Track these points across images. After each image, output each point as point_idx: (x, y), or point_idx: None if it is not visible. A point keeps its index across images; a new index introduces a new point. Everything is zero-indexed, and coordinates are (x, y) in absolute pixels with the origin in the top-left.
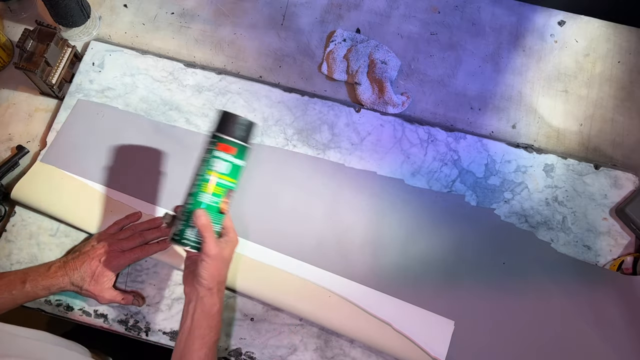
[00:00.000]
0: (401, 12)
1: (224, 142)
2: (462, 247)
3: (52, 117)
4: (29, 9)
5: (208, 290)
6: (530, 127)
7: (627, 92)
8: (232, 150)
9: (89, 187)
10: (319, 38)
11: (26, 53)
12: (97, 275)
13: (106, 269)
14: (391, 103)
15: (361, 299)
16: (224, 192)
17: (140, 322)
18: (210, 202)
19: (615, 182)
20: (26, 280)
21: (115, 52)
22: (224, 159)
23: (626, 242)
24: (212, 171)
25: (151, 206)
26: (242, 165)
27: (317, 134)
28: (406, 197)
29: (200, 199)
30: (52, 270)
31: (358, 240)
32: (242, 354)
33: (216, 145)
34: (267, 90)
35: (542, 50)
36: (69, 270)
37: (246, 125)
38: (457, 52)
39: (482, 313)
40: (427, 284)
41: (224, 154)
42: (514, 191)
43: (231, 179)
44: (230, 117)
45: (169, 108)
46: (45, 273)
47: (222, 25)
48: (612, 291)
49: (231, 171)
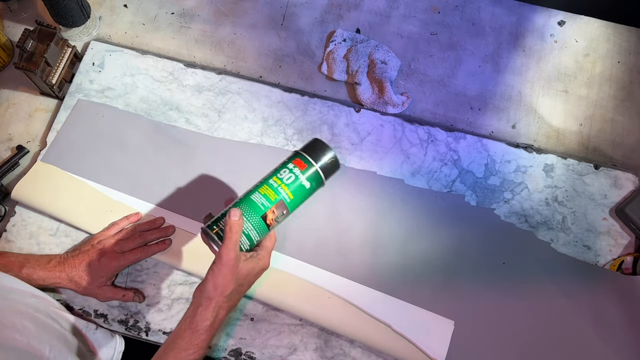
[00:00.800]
0: (401, 12)
1: (300, 158)
2: (462, 247)
3: (52, 117)
4: (29, 9)
5: (206, 299)
6: (530, 127)
7: (627, 92)
8: (303, 167)
9: (89, 187)
10: (319, 38)
11: (26, 53)
12: (96, 274)
13: (105, 269)
14: (391, 103)
15: (361, 298)
16: (276, 201)
17: (140, 322)
18: (258, 202)
19: (615, 182)
20: (24, 265)
21: (115, 52)
22: (291, 170)
23: (626, 242)
24: (275, 177)
25: (151, 206)
26: (307, 186)
27: (317, 134)
28: (406, 197)
29: (250, 195)
30: (52, 264)
31: (358, 240)
32: (242, 354)
33: (292, 160)
34: (267, 90)
35: (542, 50)
36: (67, 267)
37: (328, 155)
38: (457, 52)
39: (482, 313)
40: (427, 284)
41: (294, 167)
42: (514, 191)
43: (289, 192)
44: (317, 142)
45: (169, 108)
46: (45, 265)
47: (222, 25)
48: (612, 291)
49: (292, 183)
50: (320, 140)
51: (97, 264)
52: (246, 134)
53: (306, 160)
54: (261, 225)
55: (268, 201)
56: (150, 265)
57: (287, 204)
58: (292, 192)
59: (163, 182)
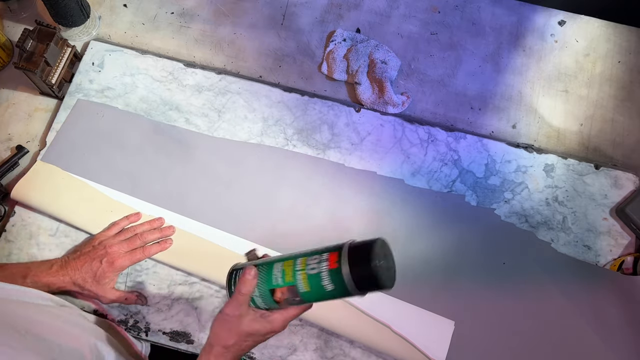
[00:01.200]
0: (401, 12)
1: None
2: (462, 247)
3: (52, 117)
4: (29, 8)
5: (208, 345)
6: (530, 127)
7: (627, 92)
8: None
9: (89, 187)
10: (319, 38)
11: (26, 53)
12: (99, 276)
13: (107, 270)
14: (391, 103)
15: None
16: (289, 284)
17: (140, 322)
18: (275, 274)
19: (615, 182)
20: (27, 275)
21: (115, 52)
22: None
23: (626, 242)
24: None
25: (151, 206)
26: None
27: (317, 134)
28: (406, 197)
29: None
30: (54, 269)
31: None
32: None
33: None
34: (267, 90)
35: (542, 50)
36: (70, 270)
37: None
38: (457, 52)
39: (482, 313)
40: (427, 284)
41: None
42: (514, 191)
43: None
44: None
45: (168, 108)
46: (47, 271)
47: (222, 25)
48: (612, 291)
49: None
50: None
51: (99, 266)
52: (246, 134)
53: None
54: (268, 298)
55: (282, 279)
56: (150, 265)
57: (301, 294)
58: (309, 284)
59: (163, 182)
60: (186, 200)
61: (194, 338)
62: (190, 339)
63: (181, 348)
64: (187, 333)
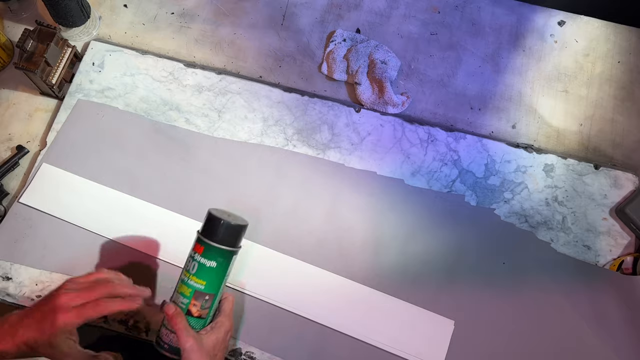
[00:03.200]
0: (401, 12)
1: (197, 241)
2: (462, 247)
3: (52, 117)
4: (29, 9)
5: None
6: (530, 127)
7: (627, 92)
8: (200, 249)
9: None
10: (319, 38)
11: (26, 53)
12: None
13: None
14: (391, 103)
15: (361, 298)
16: (192, 294)
17: (140, 322)
18: (179, 302)
19: (615, 182)
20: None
21: (115, 52)
22: (194, 258)
23: (626, 242)
24: (185, 271)
25: (151, 206)
26: (214, 265)
27: (317, 134)
28: (406, 197)
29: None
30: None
31: (358, 240)
32: (242, 354)
33: (193, 247)
34: (267, 90)
35: (542, 50)
36: (19, 329)
37: (220, 226)
38: (457, 52)
39: (482, 313)
40: (427, 283)
41: (194, 253)
42: (514, 191)
43: (199, 280)
44: (208, 216)
45: (169, 108)
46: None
47: (222, 25)
48: (612, 291)
49: (198, 270)
50: (211, 214)
51: (44, 322)
52: (246, 134)
53: (201, 241)
54: (193, 320)
55: (185, 298)
56: None
57: (204, 291)
58: (202, 279)
59: (163, 182)
60: (186, 200)
61: None
62: None
63: None
64: None
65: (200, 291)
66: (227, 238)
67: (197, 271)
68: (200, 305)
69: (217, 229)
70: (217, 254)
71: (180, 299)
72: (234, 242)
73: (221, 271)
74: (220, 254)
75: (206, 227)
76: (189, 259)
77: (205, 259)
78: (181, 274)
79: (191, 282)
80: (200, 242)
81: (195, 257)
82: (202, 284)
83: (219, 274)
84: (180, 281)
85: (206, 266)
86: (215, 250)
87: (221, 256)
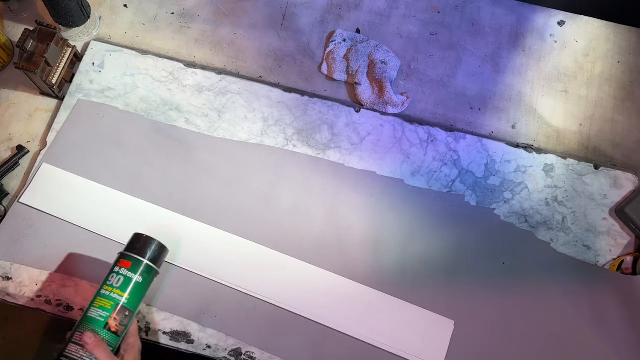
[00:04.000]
0: (401, 12)
1: (123, 258)
2: (462, 247)
3: (52, 117)
4: (29, 9)
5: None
6: (530, 127)
7: (627, 92)
8: (128, 264)
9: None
10: (319, 38)
11: (26, 53)
12: None
13: None
14: (391, 103)
15: (361, 298)
16: (114, 307)
17: (140, 322)
18: (96, 316)
19: (615, 182)
20: None
21: (115, 52)
22: (119, 273)
23: (626, 242)
24: (105, 285)
25: (150, 206)
26: (140, 281)
27: (317, 134)
28: (406, 197)
29: (87, 314)
30: None
31: (358, 240)
32: (242, 354)
33: (117, 263)
34: (267, 90)
35: (542, 50)
36: None
37: (149, 244)
38: (457, 52)
39: (482, 313)
40: (427, 283)
41: (121, 268)
42: (514, 191)
43: (122, 293)
44: (136, 237)
45: (169, 108)
46: None
47: (222, 25)
48: (612, 291)
49: (124, 284)
50: (139, 234)
51: None
52: (246, 134)
53: (130, 257)
54: (110, 336)
55: (105, 311)
56: None
57: (127, 305)
58: (126, 292)
59: (163, 182)
60: (186, 200)
61: (194, 338)
62: (190, 338)
63: (181, 348)
64: (187, 333)
65: (123, 305)
66: (156, 257)
67: (122, 285)
68: (120, 320)
69: (149, 247)
70: (145, 270)
71: (98, 312)
72: (159, 262)
73: (144, 288)
74: (147, 270)
75: (135, 244)
76: (112, 274)
77: (133, 273)
78: (100, 288)
79: (114, 294)
80: (128, 258)
81: (121, 272)
82: (126, 297)
83: (142, 291)
84: (98, 295)
85: (132, 280)
86: (144, 265)
87: (147, 272)
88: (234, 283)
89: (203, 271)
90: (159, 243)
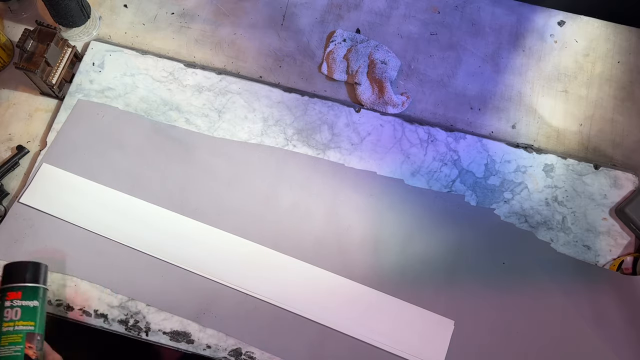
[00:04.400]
0: (401, 12)
1: (9, 291)
2: (462, 247)
3: (52, 117)
4: (29, 9)
5: None
6: (530, 127)
7: (627, 92)
8: (18, 295)
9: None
10: (319, 38)
11: (26, 53)
12: None
13: None
14: (391, 103)
15: (361, 298)
16: (24, 338)
17: (140, 322)
18: (11, 353)
19: (615, 182)
20: None
21: (115, 52)
22: (12, 306)
23: (626, 242)
24: (3, 324)
25: (151, 206)
26: (36, 305)
27: (317, 134)
28: (406, 197)
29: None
30: None
31: (358, 240)
32: (242, 354)
33: (6, 297)
34: (267, 90)
35: (542, 50)
36: None
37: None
38: (457, 52)
39: (482, 313)
40: (427, 283)
41: (12, 301)
42: (514, 191)
43: (27, 322)
44: (8, 267)
45: (169, 108)
46: None
47: (222, 25)
48: (612, 291)
49: (24, 314)
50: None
51: None
52: (246, 134)
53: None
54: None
55: (17, 345)
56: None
57: (35, 331)
58: (30, 320)
59: (163, 182)
60: (186, 200)
61: (194, 338)
62: (190, 338)
63: (181, 348)
64: (187, 333)
65: (32, 332)
66: (40, 276)
67: (22, 315)
68: (36, 346)
69: (29, 271)
70: (37, 293)
71: (12, 349)
72: (45, 280)
73: (42, 309)
74: (38, 292)
75: (15, 275)
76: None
77: (28, 300)
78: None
79: (19, 327)
80: (15, 289)
81: (15, 304)
82: (32, 325)
83: (42, 313)
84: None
85: (30, 307)
86: (34, 290)
87: (40, 294)
88: (234, 283)
89: (203, 271)
90: (32, 263)
